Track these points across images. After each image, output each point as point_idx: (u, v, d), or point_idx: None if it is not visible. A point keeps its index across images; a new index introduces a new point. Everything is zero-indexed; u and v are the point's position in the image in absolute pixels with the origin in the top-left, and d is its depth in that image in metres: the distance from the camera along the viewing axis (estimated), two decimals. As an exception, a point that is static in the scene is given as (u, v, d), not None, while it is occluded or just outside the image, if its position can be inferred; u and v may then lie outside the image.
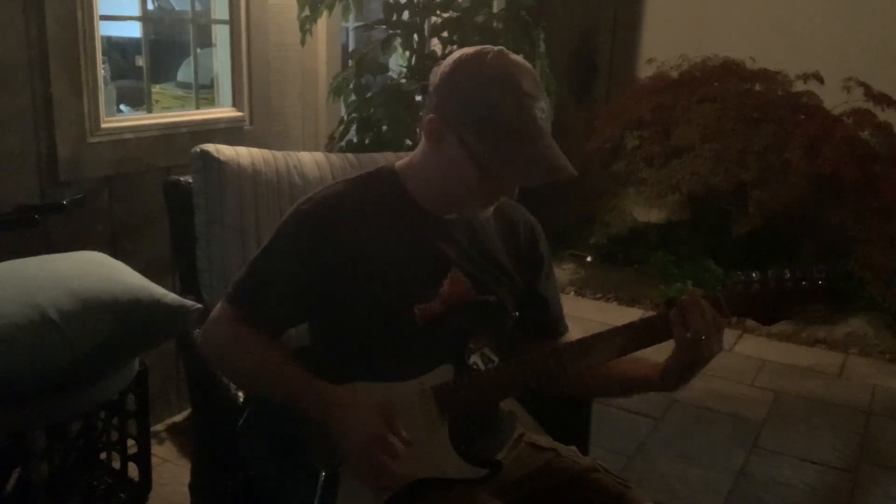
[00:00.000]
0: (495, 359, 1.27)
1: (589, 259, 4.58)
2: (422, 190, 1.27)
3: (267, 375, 1.21)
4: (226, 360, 1.27)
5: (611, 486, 1.30)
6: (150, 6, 3.02)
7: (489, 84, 1.15)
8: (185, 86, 3.61)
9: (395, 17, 2.65)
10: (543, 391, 1.29)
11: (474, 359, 1.24)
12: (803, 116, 3.81)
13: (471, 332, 1.25)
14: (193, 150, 1.78)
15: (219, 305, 1.26)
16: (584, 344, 1.21)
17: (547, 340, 1.38)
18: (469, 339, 1.24)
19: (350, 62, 2.86)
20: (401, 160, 1.33)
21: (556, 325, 1.42)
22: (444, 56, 2.21)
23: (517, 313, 1.35)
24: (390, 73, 2.89)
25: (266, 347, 1.22)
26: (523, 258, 1.37)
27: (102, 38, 2.27)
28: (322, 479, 1.15)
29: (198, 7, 2.82)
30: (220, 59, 2.75)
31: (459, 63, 1.19)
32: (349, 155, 1.94)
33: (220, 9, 2.69)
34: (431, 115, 1.20)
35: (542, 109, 1.17)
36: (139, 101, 2.84)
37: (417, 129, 2.77)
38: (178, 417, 2.61)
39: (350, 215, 1.24)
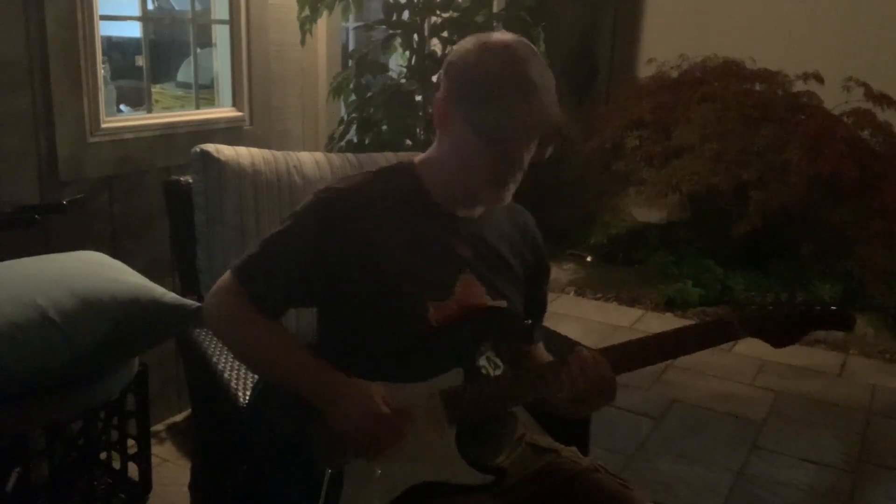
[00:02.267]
0: (501, 364, 1.27)
1: (589, 259, 4.58)
2: (438, 184, 1.28)
3: (267, 354, 1.24)
4: (227, 335, 1.30)
5: (611, 487, 1.30)
6: (150, 6, 3.01)
7: (489, 56, 1.19)
8: (185, 86, 3.61)
9: (395, 17, 2.66)
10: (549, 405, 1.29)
11: (483, 363, 1.24)
12: (803, 116, 3.81)
13: (483, 338, 1.25)
14: (193, 150, 1.78)
15: (226, 275, 1.27)
16: (598, 362, 1.21)
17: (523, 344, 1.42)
18: (481, 345, 1.25)
19: (350, 62, 2.86)
20: (420, 156, 1.34)
21: (537, 333, 1.45)
22: (444, 56, 2.22)
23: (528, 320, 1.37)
24: (390, 73, 2.89)
25: (268, 329, 1.24)
26: (529, 264, 1.38)
27: (102, 38, 2.27)
28: (327, 478, 1.15)
29: (198, 7, 2.82)
30: (220, 59, 2.74)
31: (465, 43, 1.24)
32: (349, 155, 1.94)
33: (220, 9, 2.69)
34: (438, 94, 1.24)
35: (540, 74, 1.19)
36: (139, 101, 2.84)
37: (418, 129, 2.78)
38: (178, 417, 2.61)
39: (367, 208, 1.25)
